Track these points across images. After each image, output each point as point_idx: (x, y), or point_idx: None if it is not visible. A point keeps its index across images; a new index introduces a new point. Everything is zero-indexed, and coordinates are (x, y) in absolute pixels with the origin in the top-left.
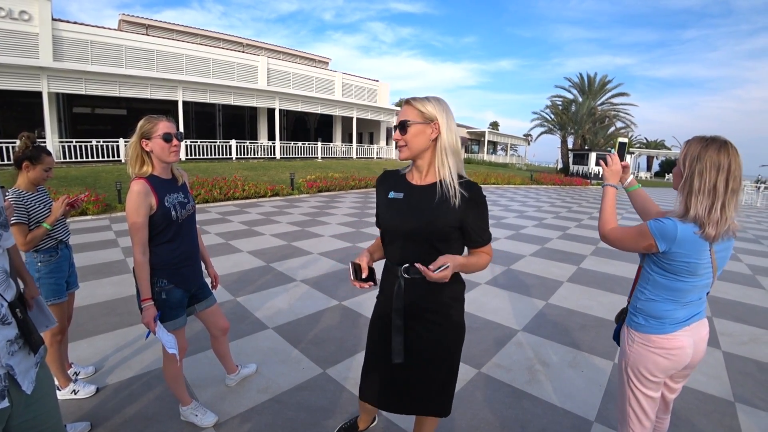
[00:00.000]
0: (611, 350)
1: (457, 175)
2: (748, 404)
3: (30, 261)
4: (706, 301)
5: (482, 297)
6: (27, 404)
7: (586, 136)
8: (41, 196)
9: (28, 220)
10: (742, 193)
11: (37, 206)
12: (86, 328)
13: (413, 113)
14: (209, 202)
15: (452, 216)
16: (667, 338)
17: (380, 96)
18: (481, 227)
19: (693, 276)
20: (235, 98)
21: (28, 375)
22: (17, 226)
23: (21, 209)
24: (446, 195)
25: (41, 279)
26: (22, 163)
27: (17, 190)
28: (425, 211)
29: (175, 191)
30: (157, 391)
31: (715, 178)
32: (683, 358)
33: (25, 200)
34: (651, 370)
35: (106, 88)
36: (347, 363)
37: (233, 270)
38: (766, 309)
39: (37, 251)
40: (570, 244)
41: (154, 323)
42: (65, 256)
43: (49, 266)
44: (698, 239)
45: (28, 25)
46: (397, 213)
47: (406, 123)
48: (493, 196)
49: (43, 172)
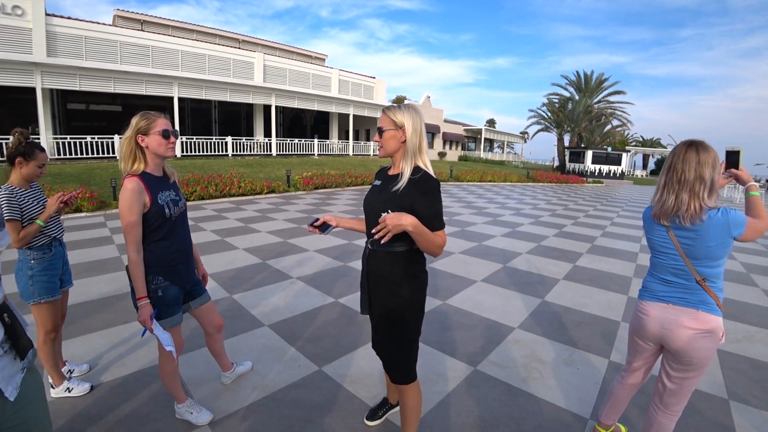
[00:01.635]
0: (607, 348)
1: (412, 169)
2: (742, 402)
3: (23, 258)
4: (702, 294)
5: (478, 294)
6: (14, 410)
7: (582, 133)
8: (35, 193)
9: (21, 217)
10: (736, 190)
11: (31, 203)
12: (80, 325)
13: (387, 121)
14: (205, 199)
15: (404, 200)
16: (641, 303)
17: (377, 93)
18: (430, 213)
19: (654, 251)
20: (231, 95)
21: (12, 381)
22: (10, 222)
23: (14, 206)
24: (400, 183)
25: (34, 276)
26: (15, 159)
27: (10, 187)
28: (384, 195)
29: (167, 189)
30: (152, 388)
31: (662, 172)
32: (647, 325)
33: (18, 197)
34: (630, 327)
35: (101, 84)
36: (343, 360)
37: (229, 267)
38: (760, 307)
39: (30, 248)
40: (566, 242)
41: (150, 321)
42: (59, 253)
43: (42, 264)
44: (649, 218)
45: (21, 20)
46: (371, 196)
47: (382, 129)
48: (490, 194)
49: (36, 169)
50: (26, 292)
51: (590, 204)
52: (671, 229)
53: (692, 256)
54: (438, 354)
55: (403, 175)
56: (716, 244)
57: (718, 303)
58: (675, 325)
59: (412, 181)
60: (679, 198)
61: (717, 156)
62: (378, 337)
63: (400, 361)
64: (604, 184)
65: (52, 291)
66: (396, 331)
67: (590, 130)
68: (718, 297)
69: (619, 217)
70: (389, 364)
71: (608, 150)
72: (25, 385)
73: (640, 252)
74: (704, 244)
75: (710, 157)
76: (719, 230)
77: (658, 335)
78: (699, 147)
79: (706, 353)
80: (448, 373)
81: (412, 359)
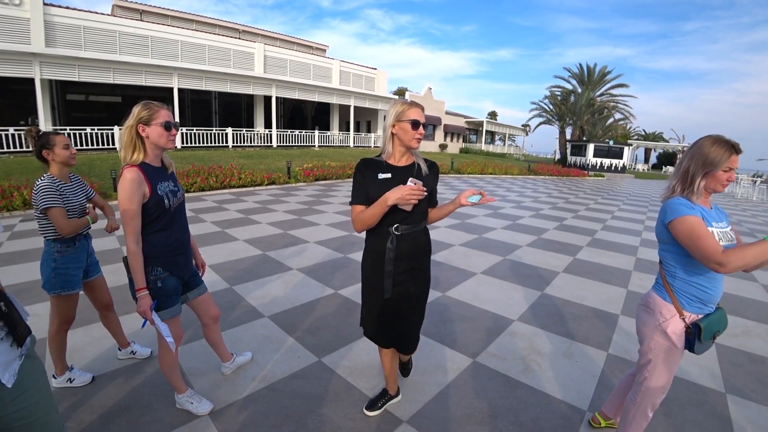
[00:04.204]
0: (605, 341)
1: (423, 159)
2: (739, 395)
3: (48, 250)
4: (659, 275)
5: (478, 287)
6: (13, 396)
7: (584, 127)
8: (74, 186)
9: (64, 205)
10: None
11: (71, 195)
12: (82, 317)
13: (424, 117)
14: (205, 190)
15: (430, 183)
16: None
17: (378, 84)
18: (436, 191)
19: None
20: (232, 85)
21: (9, 367)
22: (52, 210)
23: (54, 194)
24: (424, 170)
25: (57, 269)
26: (41, 153)
27: (51, 177)
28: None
29: (166, 179)
30: (153, 379)
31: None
32: None
33: (59, 186)
34: None
35: (100, 74)
36: (342, 351)
37: (229, 258)
38: (758, 302)
39: (55, 240)
40: (566, 235)
41: (150, 312)
42: (83, 246)
43: (65, 257)
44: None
45: (18, 9)
46: (389, 189)
47: (426, 124)
48: (491, 186)
49: (63, 151)
50: (48, 282)
51: (591, 197)
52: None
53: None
54: (437, 345)
55: (421, 164)
56: (658, 230)
57: (666, 287)
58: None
59: (429, 166)
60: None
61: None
62: (398, 314)
63: (418, 331)
64: (606, 178)
65: (73, 285)
66: (420, 305)
67: (592, 124)
68: (669, 283)
69: (620, 210)
70: (412, 337)
71: (610, 143)
72: (24, 372)
73: (641, 246)
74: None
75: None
76: (660, 214)
77: None
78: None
79: (645, 329)
80: (447, 365)
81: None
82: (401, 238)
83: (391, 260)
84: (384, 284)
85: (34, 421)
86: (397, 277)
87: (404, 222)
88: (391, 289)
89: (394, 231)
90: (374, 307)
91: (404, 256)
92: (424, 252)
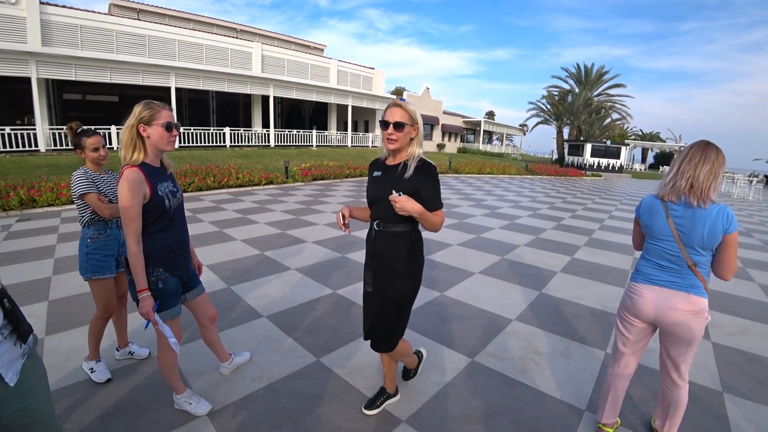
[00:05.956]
0: (603, 340)
1: (418, 158)
2: (736, 394)
3: (82, 237)
4: (693, 278)
5: (476, 286)
6: (15, 395)
7: (581, 126)
8: (109, 179)
9: (98, 191)
10: (734, 185)
11: (105, 187)
12: (80, 317)
13: (407, 117)
14: (203, 190)
15: (410, 185)
16: (634, 284)
17: (376, 84)
18: (432, 195)
19: (652, 238)
20: (229, 85)
21: (12, 366)
22: (88, 195)
23: (87, 182)
24: (408, 171)
25: (89, 254)
26: (76, 150)
27: (85, 168)
28: (390, 182)
29: (166, 180)
30: (151, 379)
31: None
32: (640, 304)
33: (92, 176)
34: (621, 306)
35: (97, 74)
36: (341, 351)
37: (227, 258)
38: (755, 301)
39: (88, 227)
40: (564, 235)
41: (153, 313)
42: (114, 235)
43: (97, 243)
44: (649, 205)
45: (15, 8)
46: (375, 185)
47: (403, 124)
48: (488, 186)
49: (92, 153)
50: (82, 267)
51: (588, 197)
52: (670, 216)
53: (687, 244)
54: (435, 345)
55: (409, 164)
56: (709, 235)
57: (705, 286)
58: (667, 308)
59: (417, 168)
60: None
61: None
62: (375, 309)
63: (393, 333)
64: (603, 178)
65: (103, 270)
66: (394, 305)
67: (590, 123)
68: (705, 281)
69: (617, 210)
70: (376, 334)
71: (607, 143)
72: (26, 371)
73: None
74: (699, 233)
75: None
76: (717, 219)
77: (650, 315)
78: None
79: (698, 332)
80: (445, 364)
81: (399, 331)
82: (379, 234)
83: (370, 254)
84: (364, 276)
85: (35, 421)
86: (377, 271)
87: (383, 220)
88: (371, 282)
89: (375, 227)
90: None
91: (383, 254)
92: (402, 255)
